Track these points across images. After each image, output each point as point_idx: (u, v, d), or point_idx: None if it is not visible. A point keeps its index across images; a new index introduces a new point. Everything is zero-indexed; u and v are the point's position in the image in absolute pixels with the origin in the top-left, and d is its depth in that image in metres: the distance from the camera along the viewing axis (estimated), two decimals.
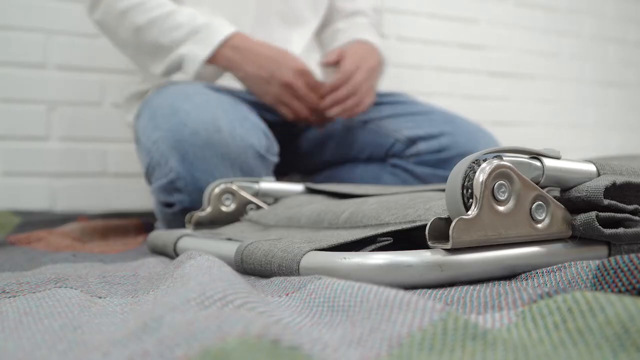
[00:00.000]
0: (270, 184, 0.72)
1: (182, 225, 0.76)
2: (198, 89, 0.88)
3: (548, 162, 0.40)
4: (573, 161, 0.41)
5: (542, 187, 0.40)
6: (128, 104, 1.04)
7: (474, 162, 0.37)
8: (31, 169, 1.19)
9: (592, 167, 0.42)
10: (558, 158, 0.41)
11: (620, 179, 0.40)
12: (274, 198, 0.72)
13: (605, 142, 1.90)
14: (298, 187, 0.72)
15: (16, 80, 1.18)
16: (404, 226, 0.41)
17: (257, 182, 0.72)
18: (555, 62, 1.81)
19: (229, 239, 0.54)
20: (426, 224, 0.37)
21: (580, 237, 0.40)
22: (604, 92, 1.90)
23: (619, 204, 0.40)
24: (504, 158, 0.38)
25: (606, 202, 0.39)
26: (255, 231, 0.59)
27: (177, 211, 0.80)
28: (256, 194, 0.71)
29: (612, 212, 0.40)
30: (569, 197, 0.41)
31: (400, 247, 0.39)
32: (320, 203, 0.59)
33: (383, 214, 0.46)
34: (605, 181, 0.40)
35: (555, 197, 0.41)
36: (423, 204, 0.44)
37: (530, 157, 0.40)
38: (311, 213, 0.54)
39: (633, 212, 0.41)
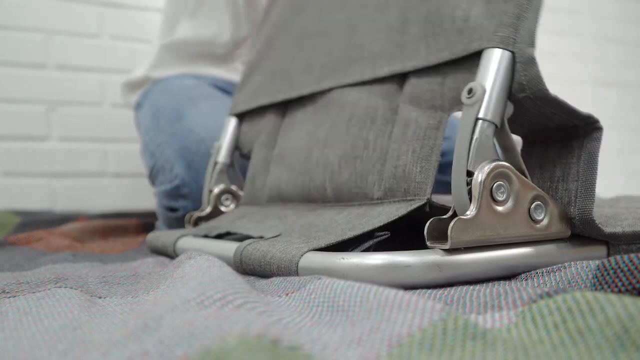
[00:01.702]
0: None
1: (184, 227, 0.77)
2: (202, 90, 0.88)
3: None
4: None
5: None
6: (126, 89, 1.03)
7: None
8: (31, 169, 1.19)
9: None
10: None
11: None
12: None
13: (606, 142, 1.90)
14: None
15: (16, 80, 1.18)
16: (400, 213, 0.41)
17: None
18: (555, 62, 1.81)
19: (228, 232, 0.54)
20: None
21: (579, 237, 0.40)
22: (604, 92, 1.90)
23: (567, 103, 0.40)
24: None
25: (552, 95, 0.39)
26: (252, 214, 0.59)
27: (180, 216, 0.80)
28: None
29: (562, 111, 0.40)
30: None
31: (400, 243, 0.39)
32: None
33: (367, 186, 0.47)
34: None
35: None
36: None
37: None
38: (300, 192, 0.55)
39: (589, 119, 0.41)
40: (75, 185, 1.23)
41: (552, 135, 0.42)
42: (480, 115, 0.37)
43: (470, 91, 0.38)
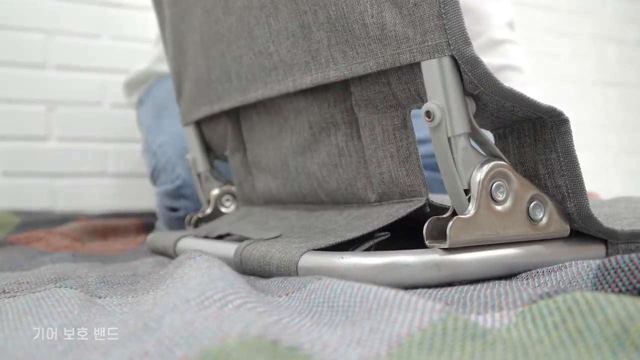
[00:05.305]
0: None
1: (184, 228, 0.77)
2: None
3: None
4: None
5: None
6: (128, 89, 1.04)
7: None
8: (31, 169, 1.19)
9: None
10: None
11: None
12: None
13: (605, 142, 1.90)
14: None
15: (16, 80, 1.18)
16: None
17: None
18: (555, 62, 1.81)
19: (228, 234, 0.54)
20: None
21: (577, 237, 0.40)
22: (603, 92, 1.90)
23: (525, 95, 0.38)
24: None
25: (507, 88, 0.37)
26: (252, 215, 0.59)
27: (181, 216, 0.80)
28: None
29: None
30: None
31: (399, 242, 0.39)
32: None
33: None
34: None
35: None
36: None
37: None
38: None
39: (552, 112, 0.38)
40: (75, 185, 1.23)
41: (521, 128, 0.41)
42: (450, 134, 0.36)
43: (428, 114, 0.36)
